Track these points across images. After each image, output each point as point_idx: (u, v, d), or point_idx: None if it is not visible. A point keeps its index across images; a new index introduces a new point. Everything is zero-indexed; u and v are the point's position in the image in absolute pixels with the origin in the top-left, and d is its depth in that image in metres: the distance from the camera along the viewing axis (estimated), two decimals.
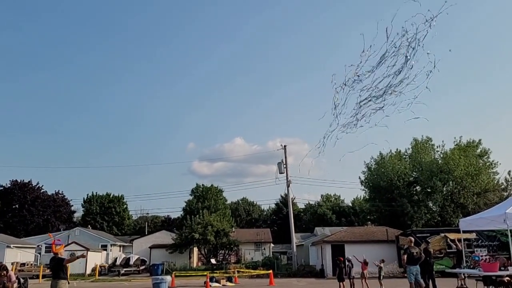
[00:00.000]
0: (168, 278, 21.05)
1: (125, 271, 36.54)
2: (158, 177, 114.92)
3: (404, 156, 46.62)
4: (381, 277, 19.01)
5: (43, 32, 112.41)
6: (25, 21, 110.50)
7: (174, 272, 28.28)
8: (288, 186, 37.86)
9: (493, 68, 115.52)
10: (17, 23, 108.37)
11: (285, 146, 39.17)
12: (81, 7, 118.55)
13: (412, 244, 13.91)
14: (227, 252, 40.61)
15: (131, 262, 37.99)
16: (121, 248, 45.45)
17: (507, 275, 12.67)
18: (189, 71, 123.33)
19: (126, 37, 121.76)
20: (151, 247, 40.77)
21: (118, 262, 38.85)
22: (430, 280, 14.80)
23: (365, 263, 19.36)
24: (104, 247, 42.58)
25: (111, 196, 64.97)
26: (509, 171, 44.06)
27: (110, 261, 40.69)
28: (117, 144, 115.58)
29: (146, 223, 68.12)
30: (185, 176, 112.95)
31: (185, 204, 63.26)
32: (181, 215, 62.71)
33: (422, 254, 13.91)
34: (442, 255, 26.93)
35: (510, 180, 43.81)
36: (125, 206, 66.42)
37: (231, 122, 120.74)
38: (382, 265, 19.34)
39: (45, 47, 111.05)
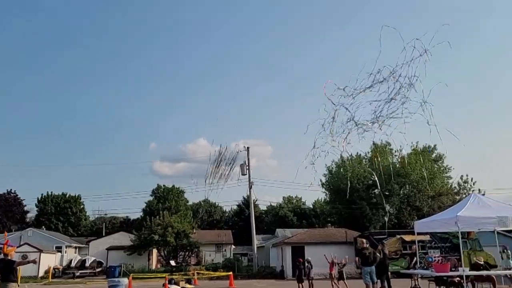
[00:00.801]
0: (125, 280, 20.58)
1: (80, 273, 35.44)
2: (118, 177, 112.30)
3: (364, 160, 47.75)
4: (344, 277, 18.79)
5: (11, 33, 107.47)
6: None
7: (131, 274, 27.64)
8: (250, 187, 37.93)
9: (453, 80, 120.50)
10: None
11: (248, 147, 39.22)
12: (57, 8, 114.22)
13: (365, 245, 14.03)
14: (187, 253, 40.17)
15: (87, 264, 36.87)
16: (77, 250, 44.05)
17: (458, 276, 13.19)
18: (158, 73, 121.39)
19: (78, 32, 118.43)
20: (108, 249, 39.71)
21: (73, 264, 37.61)
22: (386, 281, 15.16)
23: (333, 264, 19.58)
24: (59, 249, 41.09)
25: (67, 196, 62.86)
26: (462, 176, 46.04)
27: (64, 263, 39.29)
28: (75, 143, 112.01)
29: (104, 224, 66.23)
30: (146, 176, 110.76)
31: (145, 205, 62.18)
32: (140, 216, 61.55)
33: (377, 254, 14.18)
34: (397, 256, 27.75)
35: (462, 184, 45.78)
36: (82, 206, 64.45)
37: (195, 123, 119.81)
38: (345, 262, 19.54)
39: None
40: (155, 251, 40.43)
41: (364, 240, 14.38)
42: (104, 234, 51.57)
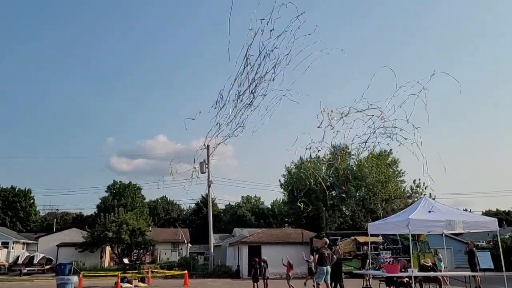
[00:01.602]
0: (74, 278, 19.84)
1: (27, 270, 33.90)
2: (72, 172, 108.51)
3: (322, 162, 48.52)
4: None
5: None
6: None
7: (82, 272, 26.75)
8: (209, 186, 37.65)
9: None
10: None
11: (208, 146, 38.79)
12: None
13: (326, 246, 14.06)
14: (142, 251, 39.37)
15: (35, 261, 35.29)
16: (25, 246, 42.29)
17: (407, 276, 13.65)
18: (119, 68, 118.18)
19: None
20: (59, 245, 38.28)
21: (20, 261, 35.86)
22: (339, 281, 15.44)
23: (290, 266, 19.75)
24: (5, 245, 39.36)
25: (16, 189, 60.13)
26: (414, 180, 47.71)
27: (11, 260, 37.54)
28: (27, 134, 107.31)
29: (55, 219, 63.77)
30: (102, 172, 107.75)
31: (100, 201, 60.44)
32: (95, 212, 59.85)
33: (334, 256, 14.42)
34: (351, 257, 28.38)
35: (414, 188, 47.45)
36: (32, 201, 61.92)
37: (155, 119, 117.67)
38: (311, 261, 19.79)
39: None
40: (108, 248, 39.37)
41: (327, 241, 14.33)
42: (55, 230, 49.91)
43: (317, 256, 14.08)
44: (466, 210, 43.56)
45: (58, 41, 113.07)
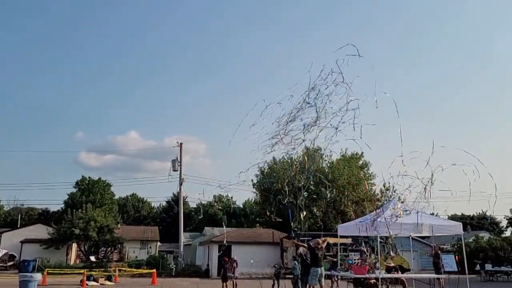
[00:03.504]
0: (38, 275, 19.24)
1: None
2: (38, 166, 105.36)
3: (295, 163, 48.83)
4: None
5: None
6: None
7: (47, 269, 26.01)
8: (180, 184, 37.32)
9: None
10: None
11: (181, 144, 38.57)
12: None
13: (320, 246, 13.32)
14: (109, 249, 38.65)
15: None
16: None
17: (374, 278, 13.88)
18: (92, 63, 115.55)
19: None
20: (23, 242, 37.15)
21: None
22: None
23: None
24: None
25: None
26: (384, 183, 48.62)
27: None
28: None
29: (20, 215, 61.86)
30: (70, 166, 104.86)
31: (68, 196, 58.95)
32: (61, 208, 58.28)
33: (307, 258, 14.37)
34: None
35: (384, 191, 48.37)
36: None
37: (127, 115, 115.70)
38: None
39: None
40: (75, 245, 38.48)
41: (319, 240, 13.67)
42: (19, 226, 48.48)
43: (310, 256, 13.30)
44: (432, 214, 44.72)
45: (29, 34, 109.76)
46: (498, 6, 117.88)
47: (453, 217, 61.91)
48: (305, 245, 14.45)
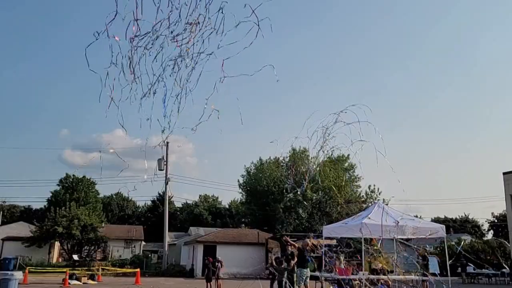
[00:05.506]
0: (19, 274, 18.94)
1: None
2: (22, 163, 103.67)
3: (281, 164, 48.99)
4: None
5: None
6: None
7: (28, 268, 25.62)
8: (166, 183, 37.12)
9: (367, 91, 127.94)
10: None
11: (167, 143, 38.33)
12: None
13: (309, 248, 13.37)
14: (93, 248, 38.25)
15: None
16: None
17: (358, 279, 14.00)
18: (75, 58, 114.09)
19: None
20: (4, 239, 36.68)
21: None
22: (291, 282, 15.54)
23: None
24: None
25: None
26: (369, 185, 49.06)
27: None
28: None
29: (1, 212, 60.75)
30: (54, 164, 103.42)
31: (51, 194, 58.12)
32: (45, 206, 57.42)
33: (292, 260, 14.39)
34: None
35: (369, 193, 48.77)
36: None
37: (113, 112, 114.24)
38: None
39: None
40: (57, 244, 38.00)
41: (309, 241, 13.83)
42: (0, 223, 47.69)
43: (298, 258, 13.22)
44: (416, 216, 45.21)
45: (10, 25, 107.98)
46: (480, 12, 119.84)
47: (437, 220, 62.73)
48: (296, 244, 14.50)
